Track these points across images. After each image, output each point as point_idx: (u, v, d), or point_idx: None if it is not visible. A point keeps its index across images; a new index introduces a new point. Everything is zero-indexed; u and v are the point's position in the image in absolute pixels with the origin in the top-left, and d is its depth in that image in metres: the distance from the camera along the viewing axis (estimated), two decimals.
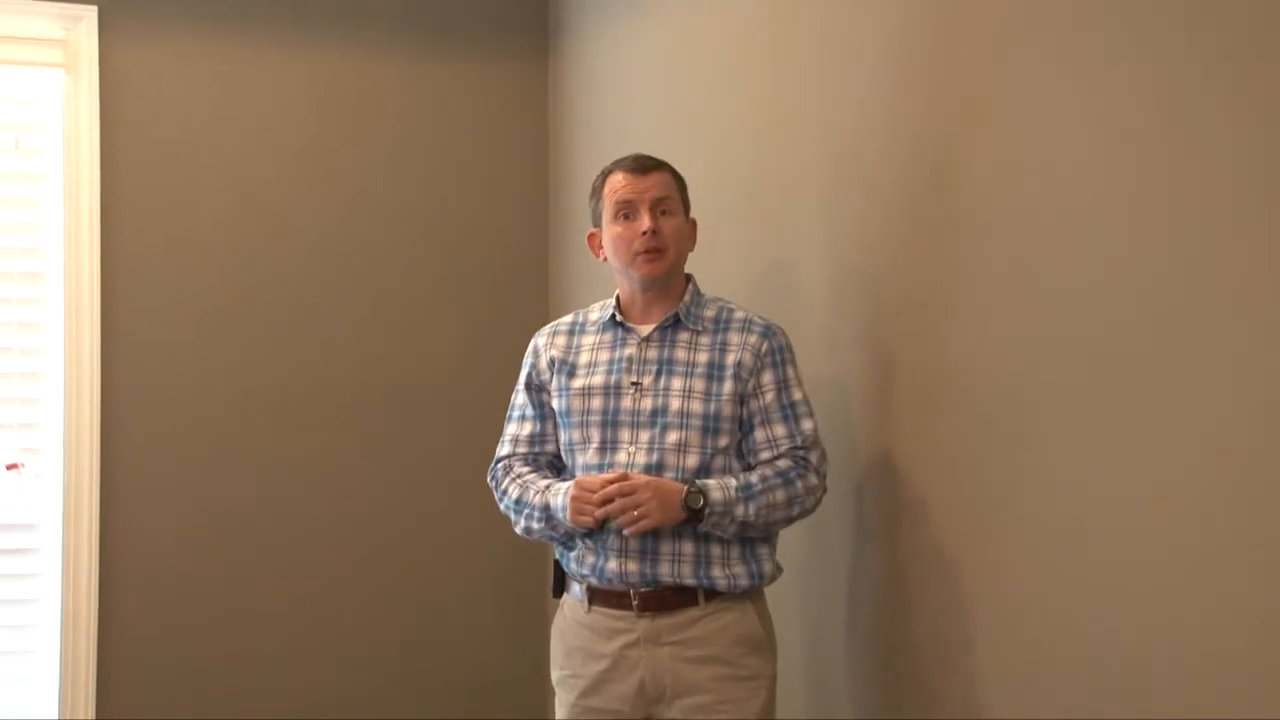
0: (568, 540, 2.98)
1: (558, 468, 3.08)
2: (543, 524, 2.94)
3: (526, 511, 2.95)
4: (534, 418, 3.11)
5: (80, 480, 4.00)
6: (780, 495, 2.86)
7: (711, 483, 2.85)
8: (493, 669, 4.01)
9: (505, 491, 3.00)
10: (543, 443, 3.11)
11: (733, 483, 2.85)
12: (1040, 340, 2.63)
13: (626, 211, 2.96)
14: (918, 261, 3.00)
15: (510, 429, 3.05)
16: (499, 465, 3.07)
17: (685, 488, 2.81)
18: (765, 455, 2.92)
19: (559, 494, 2.88)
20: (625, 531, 2.84)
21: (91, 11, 3.98)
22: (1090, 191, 2.46)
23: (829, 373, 3.30)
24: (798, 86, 3.48)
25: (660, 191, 2.99)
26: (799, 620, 3.44)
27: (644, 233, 2.93)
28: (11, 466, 4.01)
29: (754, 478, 2.86)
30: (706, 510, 2.78)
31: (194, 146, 4.15)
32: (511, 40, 4.59)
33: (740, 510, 2.82)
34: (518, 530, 2.98)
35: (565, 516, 2.88)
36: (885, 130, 3.10)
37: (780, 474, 2.89)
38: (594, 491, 2.85)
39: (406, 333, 4.14)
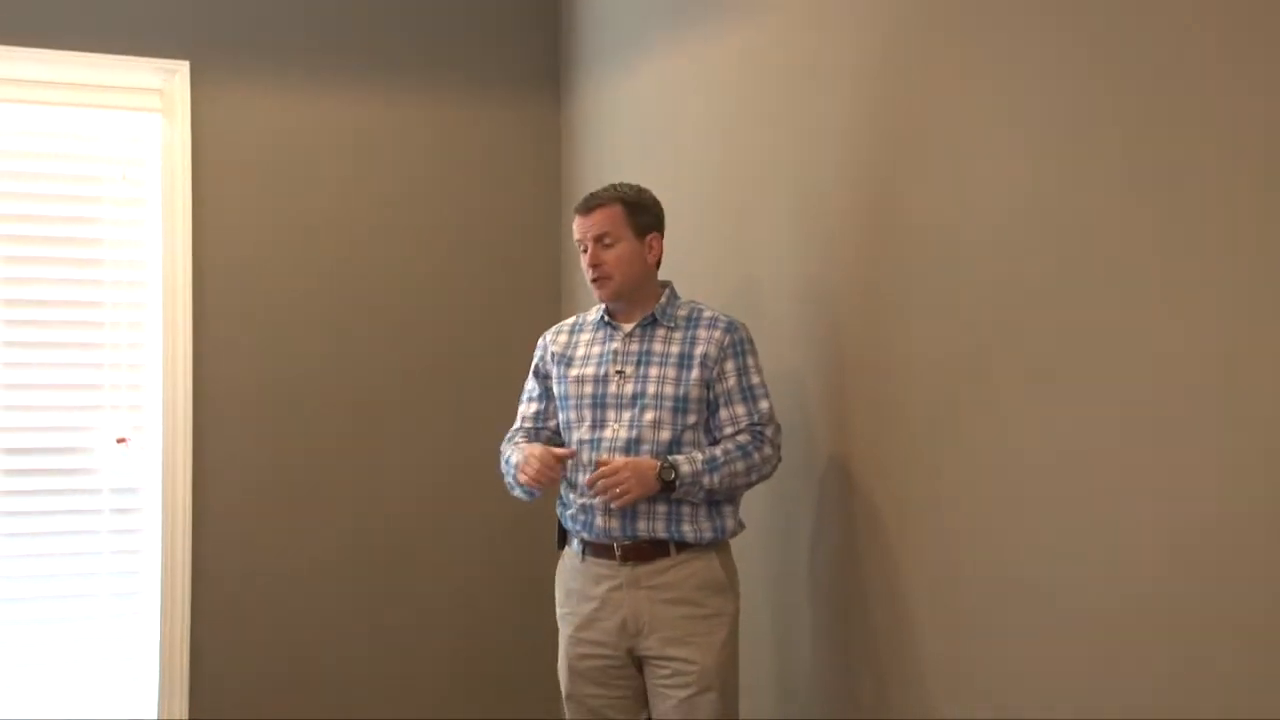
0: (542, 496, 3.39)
1: (556, 443, 3.46)
2: (513, 479, 3.38)
3: (511, 471, 3.36)
4: (539, 398, 3.51)
5: (175, 451, 4.47)
6: (740, 465, 3.23)
7: (681, 458, 3.22)
8: (513, 608, 4.45)
9: (506, 457, 3.40)
10: (545, 419, 3.51)
11: (699, 456, 3.22)
12: (975, 331, 3.00)
13: (581, 246, 3.38)
14: (870, 269, 3.35)
15: (520, 409, 3.48)
16: (508, 437, 3.50)
17: (659, 464, 3.20)
18: (728, 431, 3.28)
19: (519, 451, 3.32)
20: (612, 506, 3.21)
21: (184, 65, 4.43)
22: (1017, 204, 2.83)
23: (793, 364, 3.67)
24: (767, 124, 3.81)
25: (601, 228, 3.36)
26: (764, 569, 3.82)
27: (589, 266, 3.35)
28: (121, 440, 4.46)
29: (718, 451, 3.23)
30: (678, 482, 3.17)
31: (265, 176, 4.62)
32: (528, 86, 5.03)
33: (706, 480, 3.20)
34: (509, 486, 3.43)
35: (514, 471, 3.31)
36: (844, 159, 3.45)
37: (740, 448, 3.25)
38: (536, 457, 3.26)
39: (438, 333, 4.66)
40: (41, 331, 4.47)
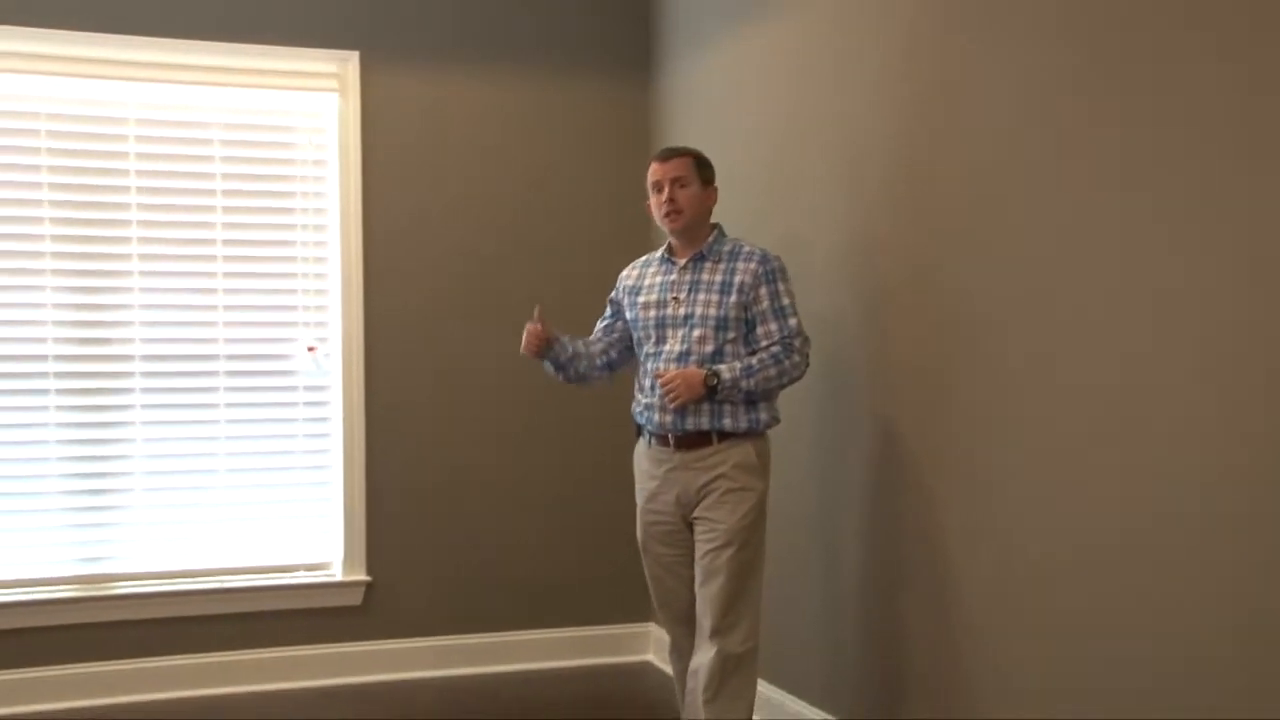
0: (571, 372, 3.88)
1: (609, 344, 3.91)
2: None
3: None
4: (608, 318, 3.96)
5: (351, 359, 5.14)
6: (772, 371, 3.57)
7: (723, 366, 3.56)
8: (610, 482, 4.78)
9: None
10: (609, 332, 3.95)
11: (738, 365, 3.56)
12: (1007, 281, 3.18)
13: (657, 187, 3.72)
14: (912, 226, 3.61)
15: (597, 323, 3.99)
16: None
17: (705, 372, 3.55)
18: (764, 344, 3.61)
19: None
20: (669, 406, 3.59)
21: (355, 55, 5.11)
22: (1050, 154, 2.96)
23: (836, 307, 4.00)
24: (823, 93, 4.09)
25: (677, 172, 3.69)
26: (811, 509, 4.22)
27: (665, 201, 3.69)
28: (311, 349, 5.15)
29: (754, 360, 3.58)
30: (719, 386, 3.53)
31: (418, 142, 5.24)
32: (623, 70, 5.53)
33: (744, 383, 3.55)
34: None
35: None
36: (890, 128, 3.72)
37: (773, 356, 3.58)
38: (527, 333, 3.75)
39: (551, 268, 5.19)
40: (252, 265, 5.14)
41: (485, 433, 5.29)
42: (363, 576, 5.20)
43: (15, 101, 4.81)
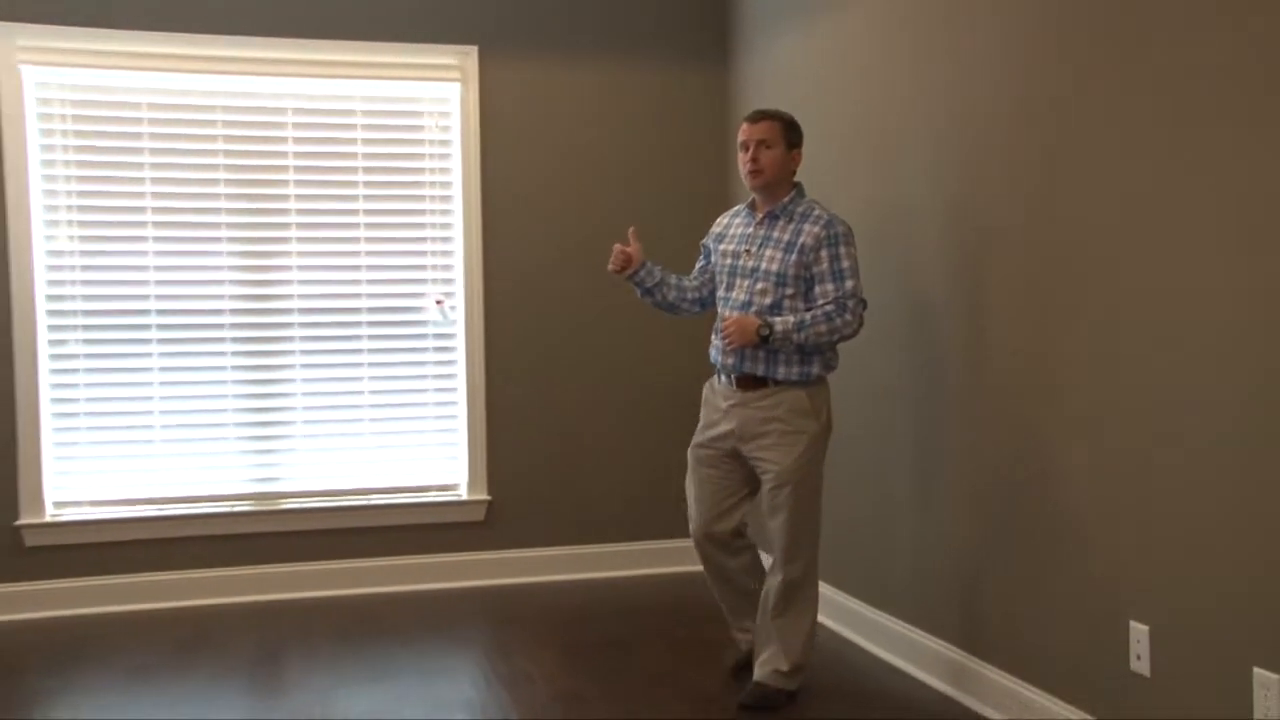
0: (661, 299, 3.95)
1: (702, 283, 3.98)
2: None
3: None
4: (703, 259, 4.05)
5: (473, 310, 5.52)
6: (824, 327, 3.60)
7: (778, 319, 3.58)
8: (684, 408, 4.68)
9: None
10: (704, 273, 4.02)
11: (791, 319, 3.58)
12: (1080, 230, 3.23)
13: (744, 146, 3.75)
14: (1004, 189, 3.60)
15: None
16: None
17: (760, 322, 3.59)
18: (820, 302, 3.65)
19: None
20: (726, 348, 3.68)
21: (474, 49, 5.48)
22: (1146, 115, 2.97)
23: (933, 289, 4.01)
24: (911, 66, 4.05)
25: (763, 135, 3.71)
26: (906, 471, 4.29)
27: (748, 160, 3.72)
28: (439, 302, 5.52)
29: (807, 315, 3.60)
30: (771, 337, 3.58)
31: (528, 122, 5.59)
32: (704, 56, 5.80)
33: (795, 336, 3.58)
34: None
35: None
36: (990, 93, 3.68)
37: (825, 314, 3.61)
38: (619, 248, 3.82)
39: (646, 236, 5.18)
40: (388, 230, 5.51)
41: (587, 370, 5.65)
42: (484, 496, 5.62)
43: (198, 96, 5.30)
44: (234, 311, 5.47)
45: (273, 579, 5.50)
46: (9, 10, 5.08)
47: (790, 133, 3.74)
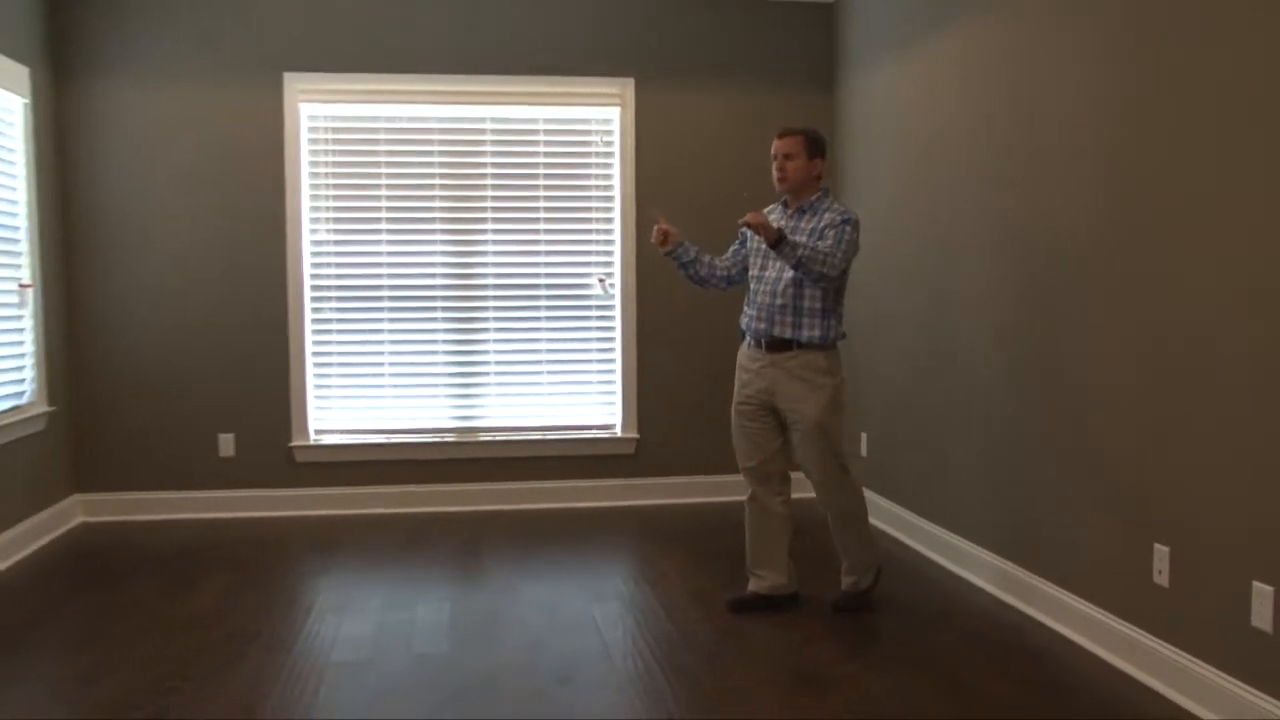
0: (695, 275, 3.78)
1: (732, 264, 3.83)
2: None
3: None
4: (738, 244, 3.93)
5: (629, 287, 5.63)
6: (819, 255, 3.45)
7: (796, 239, 3.49)
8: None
9: None
10: (735, 255, 3.89)
11: (802, 240, 3.51)
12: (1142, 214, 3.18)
13: (774, 157, 3.69)
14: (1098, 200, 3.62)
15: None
16: None
17: (779, 228, 3.46)
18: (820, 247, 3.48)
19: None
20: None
21: (631, 80, 5.58)
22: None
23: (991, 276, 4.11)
24: (994, 99, 3.98)
25: (788, 149, 3.64)
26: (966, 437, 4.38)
27: (776, 169, 3.67)
28: (601, 280, 5.65)
29: (813, 245, 3.50)
30: (782, 240, 3.40)
31: (673, 139, 5.66)
32: (810, 83, 5.72)
33: (800, 251, 3.43)
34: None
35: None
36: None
37: (823, 251, 3.48)
38: (657, 228, 3.64)
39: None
40: (562, 223, 5.61)
41: (715, 335, 5.58)
42: (634, 434, 5.72)
43: (418, 121, 5.54)
44: (444, 287, 5.67)
45: (471, 494, 5.68)
46: (293, 63, 5.45)
47: (811, 145, 3.65)
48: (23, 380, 4.96)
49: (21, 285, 4.95)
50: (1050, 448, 3.73)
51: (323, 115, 5.55)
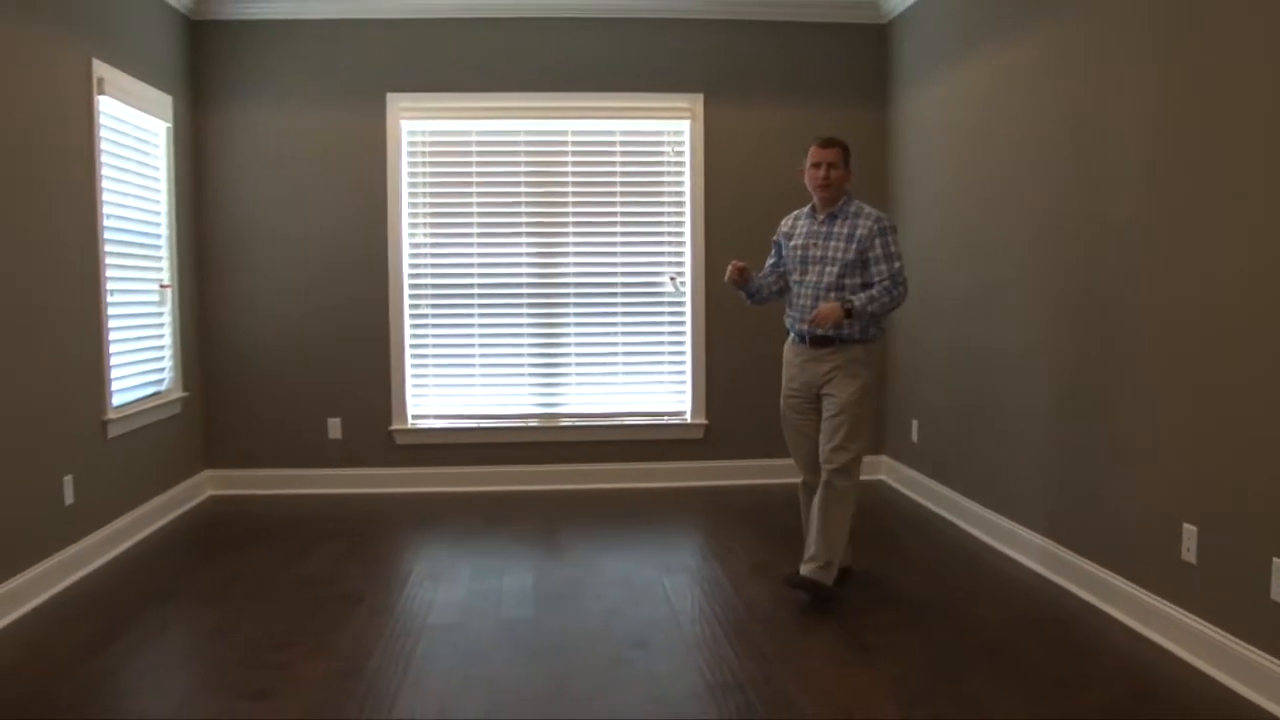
0: (753, 295, 3.74)
1: (778, 277, 3.78)
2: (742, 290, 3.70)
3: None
4: (773, 257, 3.85)
5: (699, 284, 5.62)
6: (886, 300, 3.52)
7: (854, 298, 3.50)
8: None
9: None
10: (776, 268, 3.83)
11: (863, 296, 3.51)
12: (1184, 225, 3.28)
13: (816, 164, 3.62)
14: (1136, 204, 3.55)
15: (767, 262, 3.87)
16: None
17: (842, 303, 3.48)
18: (876, 280, 3.56)
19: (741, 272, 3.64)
20: (820, 329, 3.50)
21: (701, 96, 5.60)
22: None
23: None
24: (1034, 109, 3.97)
25: (833, 158, 3.61)
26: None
27: (822, 176, 3.60)
28: (672, 279, 5.65)
29: (874, 292, 3.53)
30: (853, 310, 3.49)
31: (739, 150, 5.65)
32: (864, 99, 5.67)
33: (869, 308, 3.50)
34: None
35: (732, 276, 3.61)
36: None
37: (885, 289, 3.53)
38: (732, 267, 3.61)
39: None
40: (637, 227, 5.63)
41: (777, 333, 5.01)
42: (703, 421, 5.73)
43: (506, 134, 5.63)
44: (529, 285, 5.73)
45: (552, 475, 5.73)
46: (395, 84, 5.61)
47: (848, 156, 3.67)
48: (162, 370, 5.19)
49: (162, 286, 5.18)
50: (1090, 433, 3.72)
51: (421, 130, 5.67)
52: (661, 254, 5.75)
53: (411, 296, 5.73)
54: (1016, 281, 4.26)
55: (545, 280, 5.73)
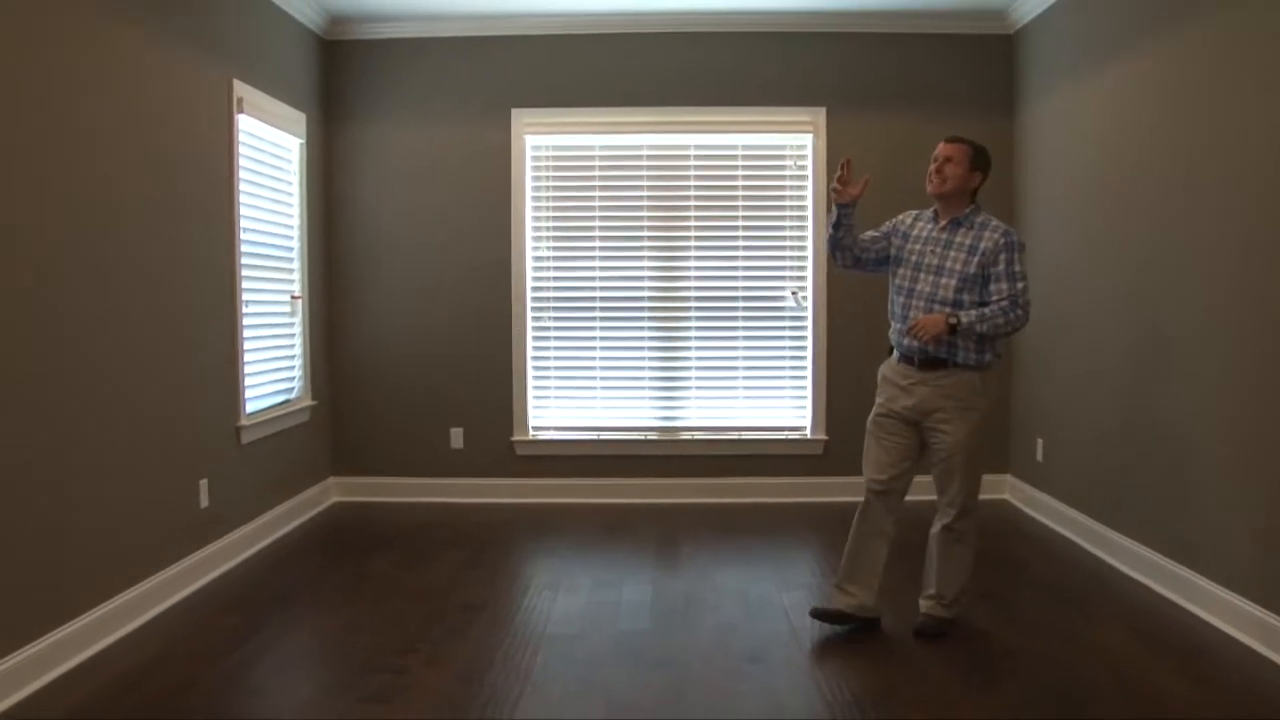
0: (841, 239, 3.44)
1: (870, 243, 3.50)
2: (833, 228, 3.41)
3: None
4: (880, 234, 3.57)
5: (819, 299, 5.60)
6: (1000, 320, 3.27)
7: (964, 312, 3.27)
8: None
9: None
10: (874, 242, 3.55)
11: (974, 313, 3.27)
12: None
13: (934, 159, 3.42)
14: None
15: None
16: None
17: (947, 317, 3.24)
18: (995, 298, 3.30)
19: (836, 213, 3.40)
20: (917, 343, 3.28)
21: (823, 109, 5.57)
22: None
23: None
24: (1179, 121, 3.83)
25: (950, 154, 3.38)
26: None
27: (935, 171, 3.39)
28: (794, 293, 5.63)
29: (987, 310, 3.28)
30: (959, 327, 3.25)
31: (866, 167, 5.11)
32: (991, 109, 5.59)
33: (979, 327, 3.25)
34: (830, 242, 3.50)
35: (836, 207, 3.37)
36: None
37: (1002, 309, 3.27)
38: (842, 181, 3.32)
39: None
40: (759, 239, 5.62)
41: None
42: (823, 436, 5.71)
43: (628, 148, 5.69)
44: (651, 298, 5.78)
45: (670, 488, 5.75)
46: (520, 100, 5.73)
47: (976, 157, 3.40)
48: (293, 379, 5.38)
49: (293, 297, 5.38)
50: (1199, 449, 3.69)
51: (544, 144, 5.77)
52: (783, 268, 5.75)
53: (534, 308, 5.82)
54: (1143, 301, 4.12)
55: (667, 294, 5.77)
